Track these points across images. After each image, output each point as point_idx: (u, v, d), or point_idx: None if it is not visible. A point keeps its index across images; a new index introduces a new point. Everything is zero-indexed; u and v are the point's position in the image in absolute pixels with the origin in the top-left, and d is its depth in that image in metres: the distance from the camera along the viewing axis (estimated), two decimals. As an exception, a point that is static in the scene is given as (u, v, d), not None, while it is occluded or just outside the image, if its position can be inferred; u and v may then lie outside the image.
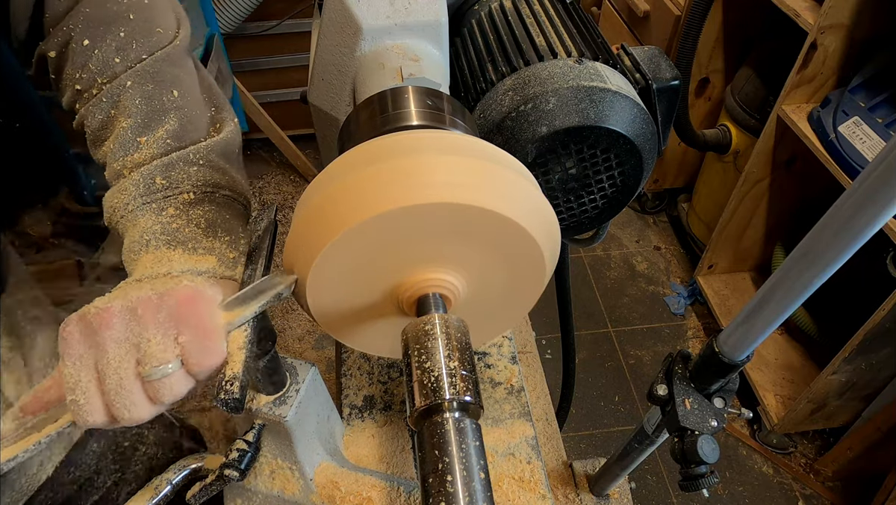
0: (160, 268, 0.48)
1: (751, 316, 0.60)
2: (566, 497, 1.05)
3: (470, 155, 0.44)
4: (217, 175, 0.55)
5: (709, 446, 0.66)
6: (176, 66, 0.57)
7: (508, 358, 0.80)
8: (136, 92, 0.55)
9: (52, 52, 0.57)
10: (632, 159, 0.63)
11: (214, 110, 0.59)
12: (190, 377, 0.44)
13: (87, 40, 0.55)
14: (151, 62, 0.56)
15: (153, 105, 0.55)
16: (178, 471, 0.62)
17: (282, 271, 0.47)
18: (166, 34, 0.58)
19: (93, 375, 0.42)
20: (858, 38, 1.49)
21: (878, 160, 0.43)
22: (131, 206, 0.52)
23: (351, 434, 0.71)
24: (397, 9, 0.61)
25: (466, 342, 0.42)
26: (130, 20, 0.56)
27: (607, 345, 2.18)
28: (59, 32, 0.56)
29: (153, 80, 0.55)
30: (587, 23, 0.72)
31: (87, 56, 0.55)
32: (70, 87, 0.57)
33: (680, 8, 1.99)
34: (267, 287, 0.46)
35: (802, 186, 1.89)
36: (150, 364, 0.42)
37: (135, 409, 0.42)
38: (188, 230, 0.51)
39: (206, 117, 0.58)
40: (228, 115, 0.60)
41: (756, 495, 1.81)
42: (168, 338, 0.42)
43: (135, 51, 0.55)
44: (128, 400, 0.42)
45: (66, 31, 0.56)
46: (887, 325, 1.41)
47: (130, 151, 0.53)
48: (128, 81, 0.55)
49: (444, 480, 0.36)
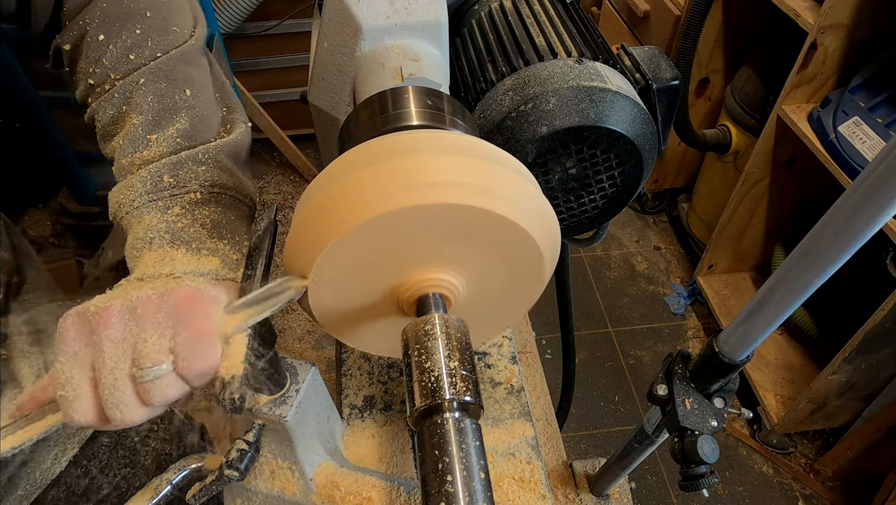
0: (162, 267, 0.47)
1: (751, 316, 0.60)
2: (566, 497, 1.05)
3: (470, 155, 0.44)
4: (225, 176, 0.55)
5: (709, 446, 0.66)
6: (190, 65, 0.57)
7: (508, 358, 0.80)
8: (148, 89, 0.54)
9: (67, 46, 0.57)
10: (632, 159, 0.63)
11: (226, 111, 0.59)
12: (181, 381, 0.43)
13: (103, 35, 0.55)
14: (166, 60, 0.56)
15: (165, 103, 0.55)
16: (178, 471, 0.62)
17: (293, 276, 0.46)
18: (182, 33, 0.58)
19: (86, 373, 0.41)
20: (858, 38, 1.49)
21: (878, 160, 0.43)
22: (137, 202, 0.52)
23: (351, 434, 0.71)
24: (397, 9, 0.61)
25: (466, 342, 0.42)
26: (147, 17, 0.56)
27: (607, 345, 2.18)
28: (76, 26, 0.56)
29: (166, 79, 0.55)
30: (587, 23, 0.72)
31: (101, 51, 0.55)
32: (83, 80, 0.57)
33: (680, 8, 1.99)
34: (277, 291, 0.45)
35: (802, 186, 1.89)
36: (143, 364, 0.41)
37: (126, 410, 0.41)
38: (193, 230, 0.51)
39: (218, 117, 0.58)
40: (240, 117, 0.60)
41: (756, 495, 1.81)
42: (164, 338, 0.42)
43: (149, 48, 0.55)
44: (120, 400, 0.41)
45: (81, 24, 0.56)
46: (887, 325, 1.41)
47: (140, 148, 0.53)
48: (141, 79, 0.55)
49: (444, 480, 0.36)
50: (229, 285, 0.49)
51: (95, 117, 0.56)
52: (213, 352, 0.43)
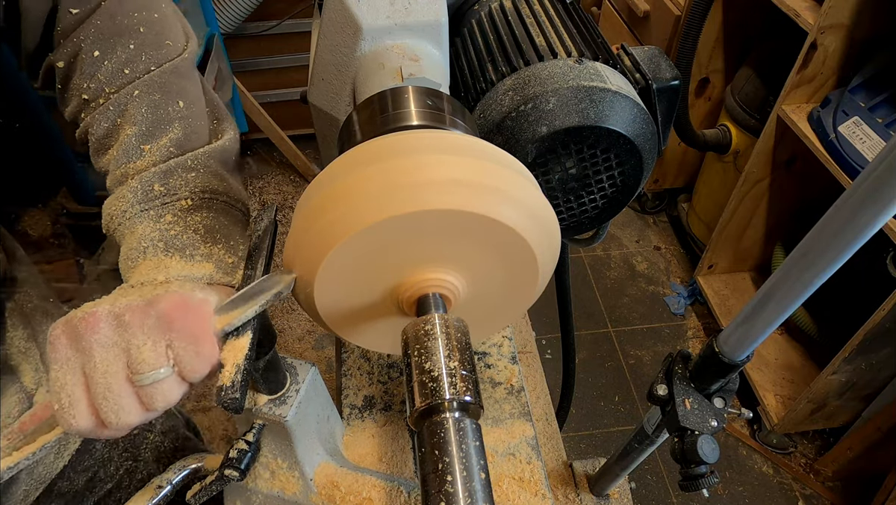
0: (157, 276, 0.48)
1: (751, 316, 0.60)
2: (566, 497, 1.05)
3: (470, 155, 0.44)
4: (215, 181, 0.56)
5: (709, 446, 0.66)
6: (183, 77, 0.58)
7: (508, 358, 0.80)
8: (142, 101, 0.55)
9: (61, 63, 0.57)
10: (632, 159, 0.63)
11: (216, 122, 0.60)
12: (183, 382, 0.44)
13: (98, 52, 0.56)
14: (160, 73, 0.56)
15: (159, 114, 0.55)
16: (178, 471, 0.62)
17: (281, 270, 0.47)
18: (175, 47, 0.59)
19: (79, 378, 0.42)
20: (858, 38, 1.49)
21: (878, 160, 0.43)
22: (129, 213, 0.52)
23: (351, 434, 0.71)
24: (397, 9, 0.61)
25: (466, 342, 0.42)
26: (141, 33, 0.57)
27: (607, 345, 2.18)
28: (70, 43, 0.56)
29: (160, 91, 0.56)
30: (587, 23, 0.72)
31: (96, 67, 0.56)
32: (76, 96, 0.57)
33: (680, 8, 1.99)
34: (266, 287, 0.46)
35: (802, 186, 1.89)
36: (142, 369, 0.42)
37: (124, 413, 0.42)
38: (186, 237, 0.51)
39: (209, 129, 0.59)
40: (229, 126, 0.61)
41: (756, 495, 1.81)
42: (159, 344, 0.42)
43: (144, 62, 0.56)
44: (116, 404, 0.42)
45: (76, 42, 0.56)
46: (887, 325, 1.41)
47: (133, 158, 0.54)
48: (136, 91, 0.55)
49: (444, 480, 0.36)
50: (223, 289, 0.49)
51: (89, 131, 0.57)
52: (212, 352, 0.44)
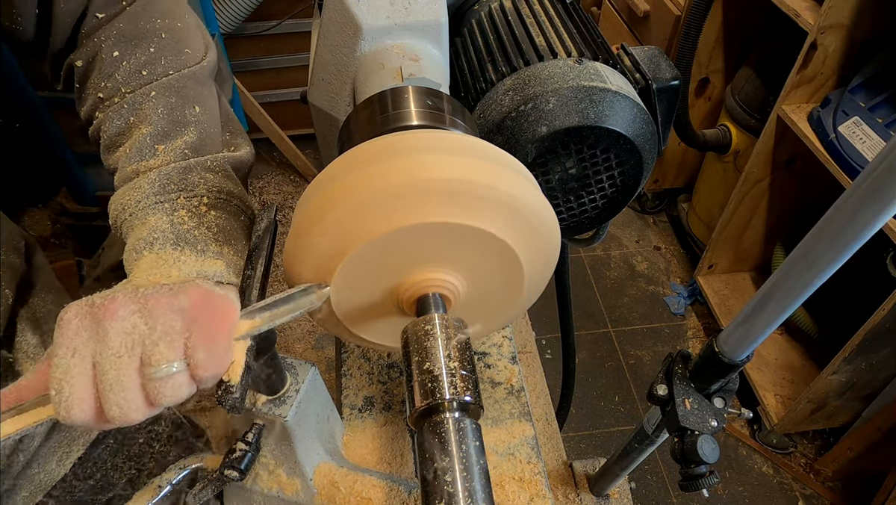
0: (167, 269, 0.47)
1: (751, 316, 0.60)
2: (566, 497, 1.05)
3: (470, 155, 0.44)
4: (231, 184, 0.56)
5: (709, 446, 0.66)
6: (201, 84, 0.59)
7: (508, 358, 0.80)
8: (158, 102, 0.56)
9: (80, 62, 0.58)
10: (632, 159, 0.63)
11: (230, 135, 0.61)
12: (192, 382, 0.42)
13: (117, 52, 0.56)
14: (178, 77, 0.57)
15: (175, 116, 0.56)
16: (178, 471, 0.62)
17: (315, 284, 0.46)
18: (194, 55, 0.59)
19: (87, 367, 0.39)
20: (858, 38, 1.49)
21: (878, 160, 0.43)
22: (143, 203, 0.52)
23: (351, 434, 0.71)
24: (397, 9, 0.61)
25: (466, 342, 0.42)
26: (162, 38, 0.58)
27: (607, 345, 2.18)
28: (90, 43, 0.57)
29: (177, 94, 0.57)
30: (587, 23, 0.72)
31: (114, 66, 0.56)
32: (93, 95, 0.58)
33: (680, 8, 1.99)
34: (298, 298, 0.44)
35: (802, 186, 1.89)
36: (156, 361, 0.39)
37: (128, 407, 0.39)
38: (198, 232, 0.51)
39: (224, 138, 0.60)
40: (244, 141, 0.62)
41: (756, 495, 1.81)
42: (177, 336, 0.40)
43: (162, 66, 0.57)
44: (122, 398, 0.39)
45: (96, 42, 0.57)
46: (887, 325, 1.41)
47: (146, 157, 0.54)
48: (152, 92, 0.56)
49: (444, 480, 0.36)
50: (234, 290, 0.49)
51: (102, 128, 0.57)
52: (227, 354, 0.42)
